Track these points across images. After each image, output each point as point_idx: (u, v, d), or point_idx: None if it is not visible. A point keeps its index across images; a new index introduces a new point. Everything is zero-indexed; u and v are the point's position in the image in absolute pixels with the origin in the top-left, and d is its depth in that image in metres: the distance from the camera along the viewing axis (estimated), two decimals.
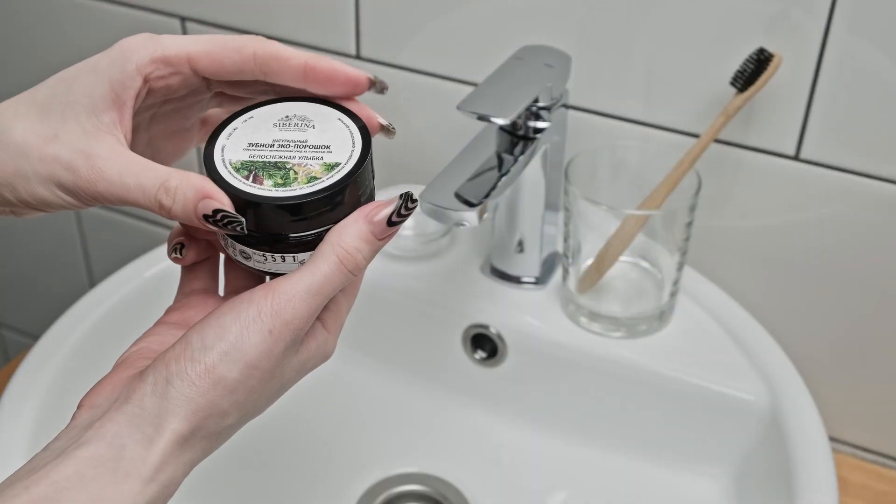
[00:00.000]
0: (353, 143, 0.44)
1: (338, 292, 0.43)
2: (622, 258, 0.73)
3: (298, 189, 0.42)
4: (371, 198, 0.45)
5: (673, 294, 0.73)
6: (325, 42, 0.84)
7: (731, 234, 0.77)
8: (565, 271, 0.74)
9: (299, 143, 0.44)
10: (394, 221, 0.43)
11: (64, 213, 1.08)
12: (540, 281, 0.77)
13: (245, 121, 0.45)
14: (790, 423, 0.67)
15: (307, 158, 0.43)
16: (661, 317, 0.74)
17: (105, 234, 1.08)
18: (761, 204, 0.74)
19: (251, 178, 0.42)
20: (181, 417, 0.40)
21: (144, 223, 1.04)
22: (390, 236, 0.43)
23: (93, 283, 1.11)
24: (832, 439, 0.80)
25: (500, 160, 0.68)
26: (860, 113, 0.68)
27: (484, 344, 0.77)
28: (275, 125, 0.44)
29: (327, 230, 0.43)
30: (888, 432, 0.79)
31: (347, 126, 0.45)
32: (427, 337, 0.79)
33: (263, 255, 0.43)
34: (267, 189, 0.42)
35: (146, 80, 0.44)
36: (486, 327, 0.76)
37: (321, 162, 0.43)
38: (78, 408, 0.43)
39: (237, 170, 0.42)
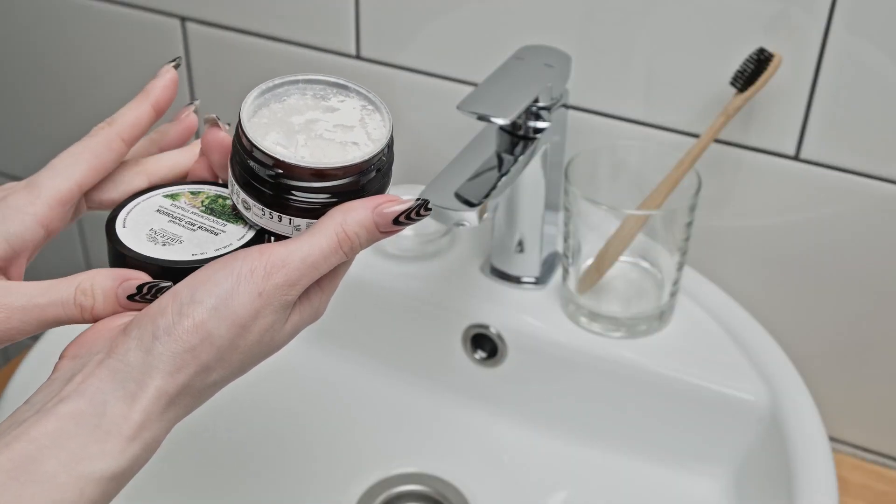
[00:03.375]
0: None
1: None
2: (622, 258, 0.73)
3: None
4: (383, 188, 0.45)
5: (673, 294, 0.73)
6: (325, 42, 0.84)
7: (731, 234, 0.77)
8: (565, 271, 0.74)
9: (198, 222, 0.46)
10: (401, 221, 0.43)
11: None
12: (540, 281, 0.77)
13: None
14: (790, 423, 0.67)
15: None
16: (661, 317, 0.74)
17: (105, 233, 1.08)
18: (761, 204, 0.74)
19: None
20: (165, 373, 0.39)
21: None
22: (392, 233, 0.43)
23: None
24: (832, 439, 0.80)
25: (500, 160, 0.68)
26: (860, 113, 0.68)
27: (484, 344, 0.77)
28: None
29: (331, 204, 0.43)
30: (888, 432, 0.79)
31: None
32: (427, 337, 0.79)
33: (262, 210, 0.43)
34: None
35: (48, 230, 0.45)
36: (486, 327, 0.76)
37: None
38: (60, 358, 0.42)
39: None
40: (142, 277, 0.42)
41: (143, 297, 0.42)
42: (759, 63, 0.68)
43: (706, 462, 0.73)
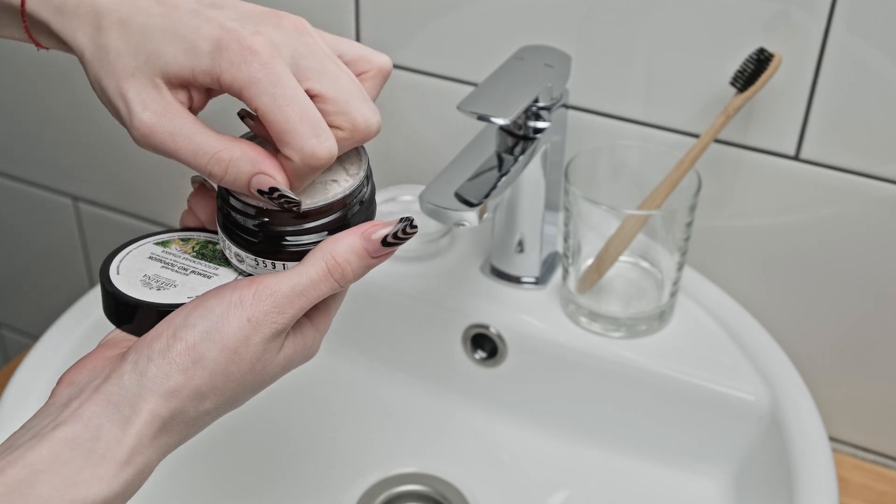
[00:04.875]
0: None
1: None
2: (622, 258, 0.73)
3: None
4: (370, 218, 0.46)
5: (673, 294, 0.73)
6: None
7: (731, 234, 0.77)
8: (565, 271, 0.74)
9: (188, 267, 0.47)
10: (389, 242, 0.44)
11: (64, 213, 1.08)
12: (540, 281, 0.77)
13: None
14: (790, 423, 0.67)
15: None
16: (661, 317, 0.74)
17: (105, 234, 1.08)
18: (761, 204, 0.74)
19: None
20: (158, 396, 0.40)
21: (144, 223, 1.04)
22: (385, 256, 0.44)
23: (93, 283, 1.11)
24: (832, 439, 0.80)
25: (500, 160, 0.68)
26: (860, 113, 0.68)
27: (484, 344, 0.77)
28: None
29: (320, 241, 0.44)
30: (888, 432, 0.79)
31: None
32: (427, 337, 0.79)
33: (256, 261, 0.44)
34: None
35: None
36: (486, 327, 0.76)
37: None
38: (57, 384, 0.42)
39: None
40: (278, 180, 0.41)
41: (270, 197, 0.41)
42: (759, 63, 0.68)
43: (706, 462, 0.73)
